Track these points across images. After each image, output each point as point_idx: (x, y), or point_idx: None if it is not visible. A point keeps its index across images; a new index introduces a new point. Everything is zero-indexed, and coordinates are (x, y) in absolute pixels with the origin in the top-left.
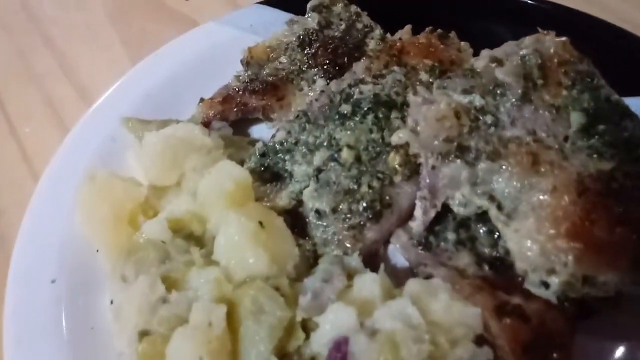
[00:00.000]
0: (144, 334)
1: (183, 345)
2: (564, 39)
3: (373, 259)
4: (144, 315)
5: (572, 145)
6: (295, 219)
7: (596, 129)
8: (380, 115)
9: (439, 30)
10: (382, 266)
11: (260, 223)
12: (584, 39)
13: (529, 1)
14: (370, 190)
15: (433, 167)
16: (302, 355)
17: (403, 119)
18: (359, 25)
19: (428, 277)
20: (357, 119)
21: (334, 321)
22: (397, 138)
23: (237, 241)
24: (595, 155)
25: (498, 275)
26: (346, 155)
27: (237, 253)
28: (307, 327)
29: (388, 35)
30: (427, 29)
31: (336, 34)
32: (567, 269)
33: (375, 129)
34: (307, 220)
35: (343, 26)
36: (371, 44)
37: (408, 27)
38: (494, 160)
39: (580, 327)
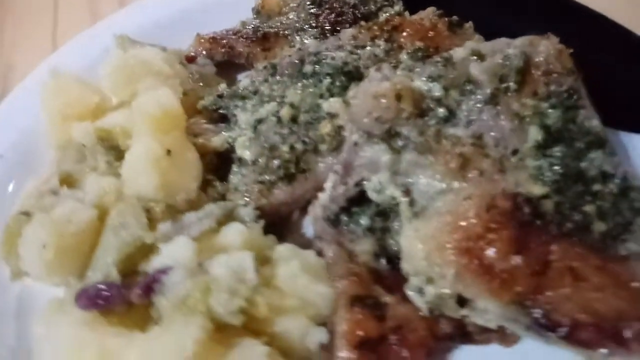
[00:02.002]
0: (23, 214)
1: (36, 230)
2: (560, 46)
3: (285, 222)
4: (31, 200)
5: (519, 161)
6: (225, 163)
7: (551, 150)
8: (338, 84)
9: (454, 18)
10: (260, 223)
11: (169, 151)
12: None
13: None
14: (290, 152)
15: (355, 144)
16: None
17: None
18: None
19: (319, 251)
20: (312, 81)
21: (171, 251)
22: (328, 105)
23: (138, 160)
24: (536, 177)
25: (392, 272)
26: (284, 112)
27: (134, 171)
28: None
29: (407, 13)
30: (435, 10)
31: (352, 0)
32: (444, 282)
33: (327, 95)
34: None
35: None
36: (382, 18)
37: (431, 9)
38: (422, 154)
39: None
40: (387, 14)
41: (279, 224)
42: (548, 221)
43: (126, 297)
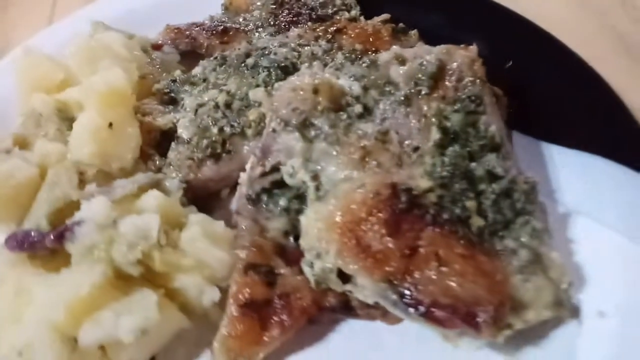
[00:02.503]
0: None
1: None
2: (474, 57)
3: (214, 199)
4: None
5: (418, 158)
6: (169, 141)
7: (447, 150)
8: (273, 77)
9: (400, 25)
10: (179, 193)
11: (111, 124)
12: None
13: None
14: (219, 134)
15: (273, 130)
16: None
17: None
18: (338, 2)
19: (235, 224)
20: (251, 72)
21: (89, 207)
22: (253, 94)
23: (82, 129)
24: (429, 173)
25: (296, 249)
26: (221, 98)
27: (77, 138)
28: None
29: (362, 18)
30: (383, 16)
31: (312, 2)
32: (328, 257)
33: (262, 86)
34: None
35: None
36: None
37: (385, 16)
38: (331, 145)
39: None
40: (342, 18)
41: (209, 199)
42: (425, 211)
43: (47, 244)
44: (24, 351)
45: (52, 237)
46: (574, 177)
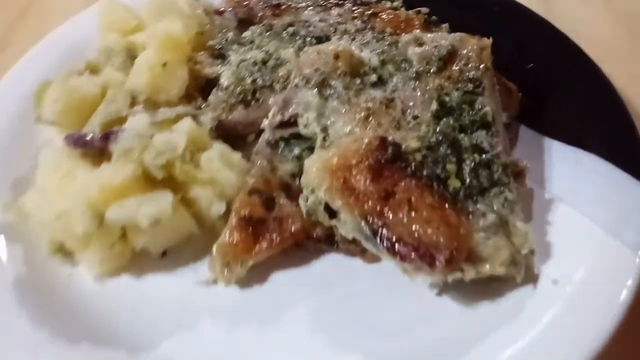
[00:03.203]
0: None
1: (54, 89)
2: (484, 46)
3: (241, 140)
4: (61, 78)
5: (416, 125)
6: (211, 88)
7: (441, 120)
8: (307, 44)
9: (433, 17)
10: (210, 125)
11: (165, 64)
12: None
13: None
14: (252, 84)
15: (296, 86)
16: None
17: None
18: None
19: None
20: (288, 38)
21: (134, 121)
22: (284, 53)
23: (140, 63)
24: (421, 138)
25: (299, 188)
26: (259, 56)
27: (136, 70)
28: None
29: (403, 9)
30: (422, 9)
31: None
32: (319, 192)
33: (296, 49)
34: None
35: None
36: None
37: (424, 9)
38: (342, 103)
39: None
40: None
41: (236, 140)
42: (407, 164)
43: (95, 142)
44: (62, 216)
45: (99, 137)
46: (567, 170)
